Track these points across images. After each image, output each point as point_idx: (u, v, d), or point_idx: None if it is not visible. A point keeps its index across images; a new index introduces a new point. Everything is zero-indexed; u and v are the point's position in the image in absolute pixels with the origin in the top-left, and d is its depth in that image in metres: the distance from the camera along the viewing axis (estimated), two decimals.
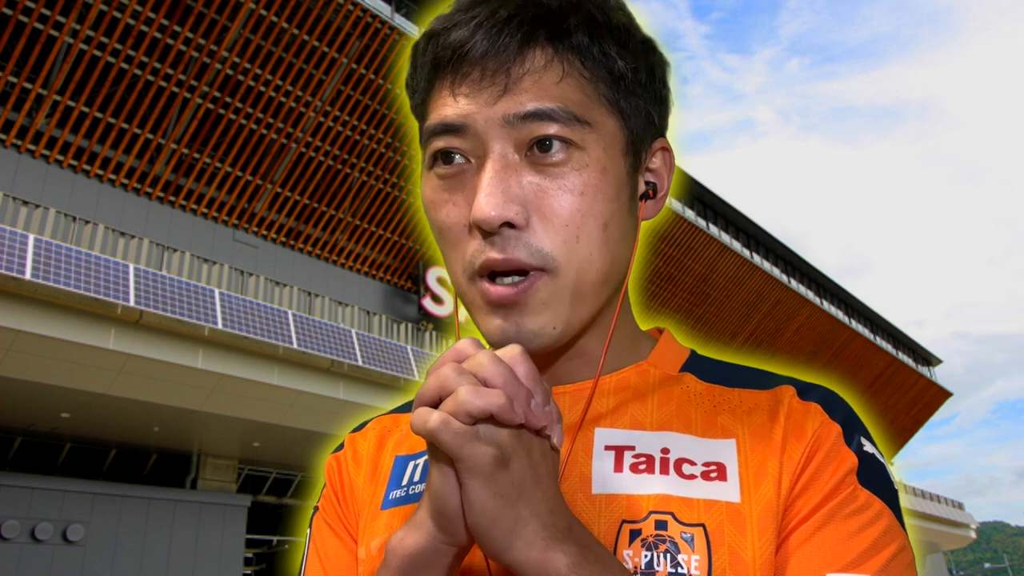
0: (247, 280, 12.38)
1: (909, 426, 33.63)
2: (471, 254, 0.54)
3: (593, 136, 0.55)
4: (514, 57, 0.54)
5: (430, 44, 0.57)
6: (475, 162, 0.55)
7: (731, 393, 0.60)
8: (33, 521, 10.08)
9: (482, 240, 0.54)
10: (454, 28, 0.55)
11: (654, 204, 0.62)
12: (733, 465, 0.54)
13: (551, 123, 0.53)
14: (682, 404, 0.59)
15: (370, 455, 0.68)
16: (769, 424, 0.56)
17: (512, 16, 0.54)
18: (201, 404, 10.22)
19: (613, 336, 0.62)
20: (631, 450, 0.56)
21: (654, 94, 0.60)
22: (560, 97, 0.54)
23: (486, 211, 0.51)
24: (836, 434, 0.54)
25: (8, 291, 8.12)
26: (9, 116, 11.22)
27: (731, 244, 23.52)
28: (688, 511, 0.52)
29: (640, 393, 0.61)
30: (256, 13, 12.49)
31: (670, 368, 0.63)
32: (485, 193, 0.52)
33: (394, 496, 0.63)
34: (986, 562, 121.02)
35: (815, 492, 0.52)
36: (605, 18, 0.56)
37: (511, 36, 0.53)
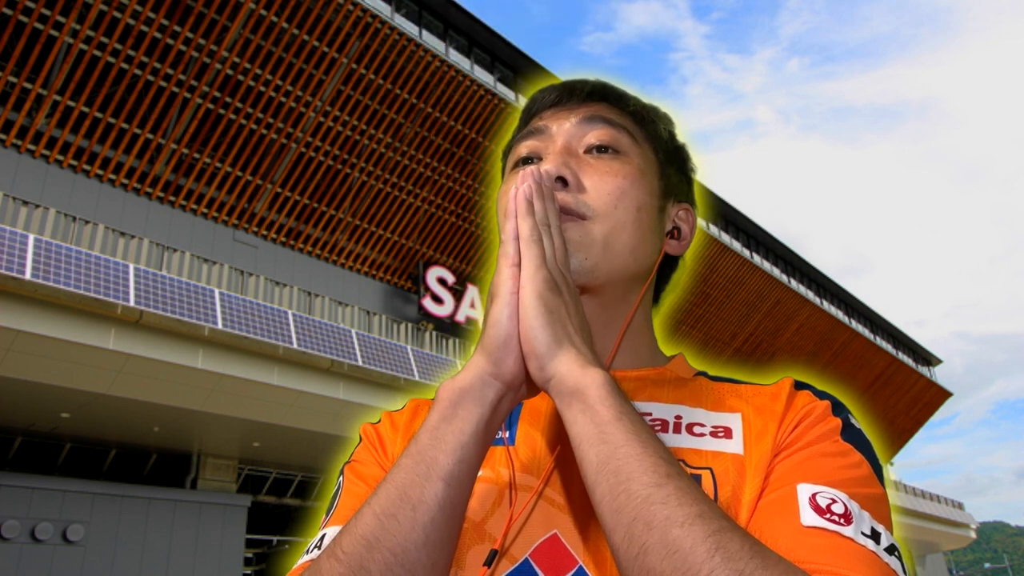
0: (247, 280, 12.38)
1: (909, 426, 33.61)
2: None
3: (637, 150, 0.72)
4: (584, 99, 0.74)
5: (524, 110, 0.78)
6: (546, 156, 0.71)
7: (738, 386, 0.68)
8: (33, 521, 10.08)
9: None
10: (541, 93, 0.76)
11: (678, 244, 0.76)
12: (738, 430, 0.62)
13: (607, 127, 0.71)
14: (695, 390, 0.68)
15: (404, 424, 0.74)
16: (770, 402, 0.63)
17: (586, 82, 0.75)
18: (201, 404, 10.22)
19: (634, 342, 0.72)
20: (647, 415, 0.65)
21: (684, 173, 0.78)
22: (617, 117, 0.73)
23: (548, 166, 0.66)
24: (825, 406, 0.61)
25: (8, 291, 8.11)
26: (9, 116, 11.22)
27: (731, 244, 23.51)
28: (697, 458, 0.60)
29: (658, 383, 0.70)
30: (256, 13, 12.48)
31: (684, 375, 0.72)
32: (549, 160, 0.68)
33: None
34: (986, 562, 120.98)
35: (800, 440, 0.58)
36: (654, 111, 0.77)
37: (582, 90, 0.75)
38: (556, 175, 0.66)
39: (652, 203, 0.70)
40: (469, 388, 0.55)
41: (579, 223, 0.65)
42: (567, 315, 0.55)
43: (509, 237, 0.58)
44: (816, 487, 0.52)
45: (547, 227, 0.59)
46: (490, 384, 0.55)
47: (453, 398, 0.55)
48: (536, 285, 0.54)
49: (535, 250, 0.56)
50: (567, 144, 0.70)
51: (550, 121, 0.73)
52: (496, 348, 0.54)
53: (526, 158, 0.72)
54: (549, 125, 0.72)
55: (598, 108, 0.73)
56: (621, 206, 0.67)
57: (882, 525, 0.52)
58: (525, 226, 0.57)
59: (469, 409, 0.54)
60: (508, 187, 0.70)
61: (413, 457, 0.53)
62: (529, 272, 0.55)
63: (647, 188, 0.70)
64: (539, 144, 0.72)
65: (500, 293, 0.56)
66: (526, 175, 0.61)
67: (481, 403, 0.55)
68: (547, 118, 0.73)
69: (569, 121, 0.71)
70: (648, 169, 0.71)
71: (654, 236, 0.71)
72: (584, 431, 0.50)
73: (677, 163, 0.77)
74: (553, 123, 0.72)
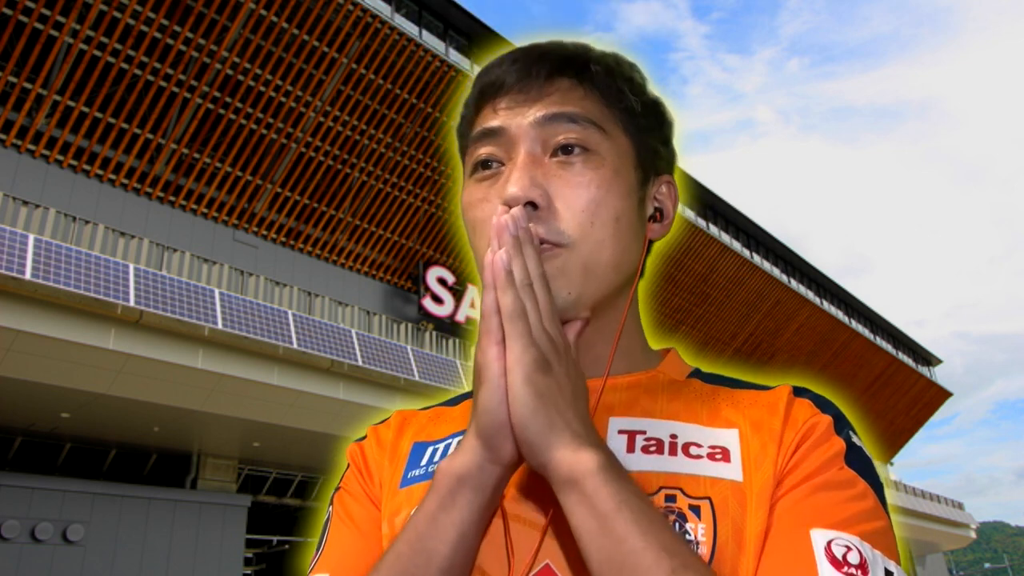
0: (247, 280, 12.38)
1: (909, 426, 33.61)
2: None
3: (607, 144, 0.64)
4: (544, 80, 0.65)
5: (477, 82, 0.68)
6: (509, 165, 0.64)
7: (733, 391, 0.65)
8: (33, 521, 10.08)
9: None
10: (497, 67, 0.67)
11: (661, 228, 0.70)
12: (736, 450, 0.59)
13: (572, 125, 0.63)
14: (689, 400, 0.65)
15: (390, 441, 0.72)
16: (768, 416, 0.60)
17: (544, 55, 0.66)
18: (201, 404, 10.22)
19: (624, 344, 0.68)
20: (642, 434, 0.62)
21: (661, 137, 0.70)
22: (582, 107, 0.64)
23: (514, 191, 0.60)
24: (827, 423, 0.59)
25: (8, 291, 8.11)
26: (9, 116, 11.22)
27: (731, 244, 23.51)
28: (695, 486, 0.57)
29: (651, 390, 0.66)
30: (256, 13, 12.48)
31: (677, 376, 0.69)
32: (515, 178, 0.61)
33: (412, 475, 0.67)
34: (986, 562, 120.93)
35: (804, 469, 0.56)
36: (621, 70, 0.68)
37: (541, 67, 0.65)
38: (525, 200, 0.60)
39: (631, 203, 0.65)
40: (467, 475, 0.53)
41: (555, 254, 0.60)
42: (559, 392, 0.52)
43: (490, 311, 0.53)
44: (830, 533, 0.51)
45: (529, 288, 0.54)
46: (489, 470, 0.53)
47: (452, 485, 0.53)
48: (524, 368, 0.51)
49: (520, 327, 0.52)
50: (531, 154, 0.63)
51: (507, 117, 0.65)
52: (491, 435, 0.52)
53: (485, 161, 0.65)
54: (507, 125, 0.64)
55: (561, 96, 0.64)
56: (598, 222, 0.61)
57: (892, 560, 0.52)
58: (507, 300, 0.52)
59: (468, 497, 0.53)
60: (472, 207, 0.65)
61: (412, 545, 0.53)
62: (516, 354, 0.51)
63: (624, 188, 0.64)
64: (498, 150, 0.65)
65: (487, 377, 0.52)
66: (500, 229, 0.54)
67: (480, 490, 0.53)
68: (503, 111, 0.65)
69: (530, 117, 0.63)
70: (623, 162, 0.65)
71: (636, 237, 0.66)
72: (584, 524, 0.48)
73: (653, 129, 0.69)
74: (511, 119, 0.64)
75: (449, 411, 0.74)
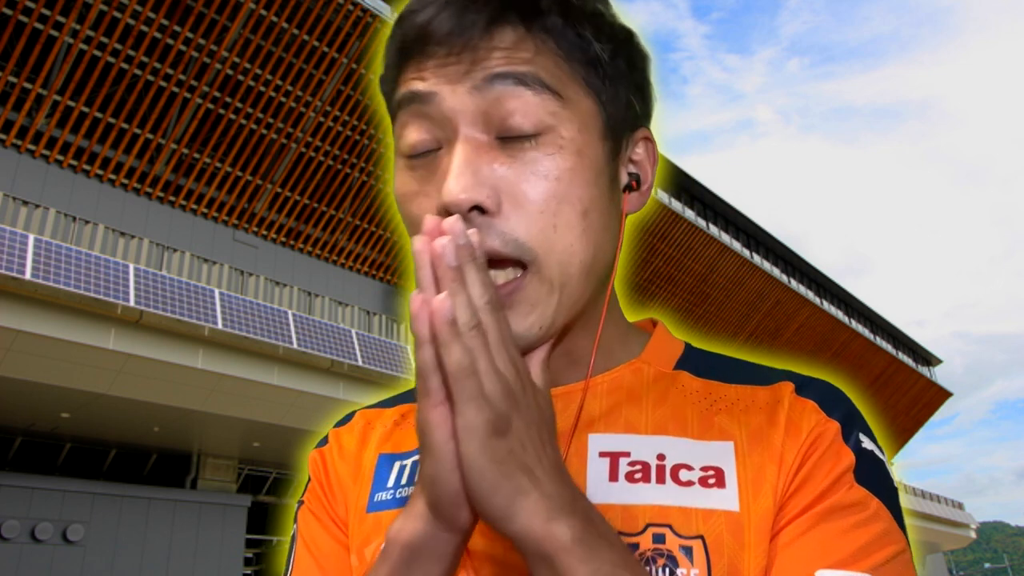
0: (247, 280, 12.39)
1: (909, 426, 33.63)
2: None
3: (567, 113, 0.52)
4: (481, 34, 0.51)
5: (397, 28, 0.55)
6: (445, 147, 0.52)
7: (728, 389, 0.58)
8: (33, 521, 10.08)
9: None
10: (420, 10, 0.52)
11: (638, 196, 0.59)
12: (731, 470, 0.52)
13: (522, 91, 0.50)
14: (678, 405, 0.57)
15: (354, 451, 0.64)
16: (768, 426, 0.53)
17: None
18: (201, 404, 10.22)
19: (602, 334, 0.59)
20: (626, 456, 0.54)
21: (633, 83, 0.57)
22: (533, 67, 0.51)
23: (455, 192, 0.48)
24: (834, 432, 0.52)
25: (8, 291, 8.11)
26: (9, 116, 11.22)
27: (731, 244, 23.52)
28: (686, 522, 0.50)
29: (634, 394, 0.58)
30: (256, 13, 12.49)
31: (664, 365, 0.61)
32: (454, 175, 0.49)
33: (379, 499, 0.60)
34: (986, 562, 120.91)
35: (809, 491, 0.50)
36: (580, 2, 0.54)
37: (478, 13, 0.51)
38: (470, 204, 0.48)
39: (600, 188, 0.54)
40: (421, 546, 0.45)
41: (516, 286, 0.50)
42: (523, 450, 0.42)
43: (428, 369, 0.41)
44: (837, 574, 0.46)
45: (476, 329, 0.41)
46: (444, 538, 0.45)
47: (405, 556, 0.45)
48: (477, 437, 0.40)
49: (469, 387, 0.40)
50: (471, 139, 0.51)
51: (437, 81, 0.51)
52: (445, 507, 0.43)
53: (416, 146, 0.54)
54: (438, 93, 0.51)
55: (505, 53, 0.51)
56: (561, 223, 0.51)
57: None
58: (451, 358, 0.40)
59: (425, 567, 0.45)
60: (407, 200, 0.54)
61: None
62: (467, 419, 0.40)
63: (591, 171, 0.53)
64: (430, 130, 0.53)
65: (433, 444, 0.42)
66: (434, 258, 0.41)
67: (437, 559, 0.45)
68: (431, 73, 0.52)
69: (467, 83, 0.51)
70: (588, 136, 0.53)
71: (609, 225, 0.55)
72: None
73: (624, 77, 0.56)
74: (443, 85, 0.51)
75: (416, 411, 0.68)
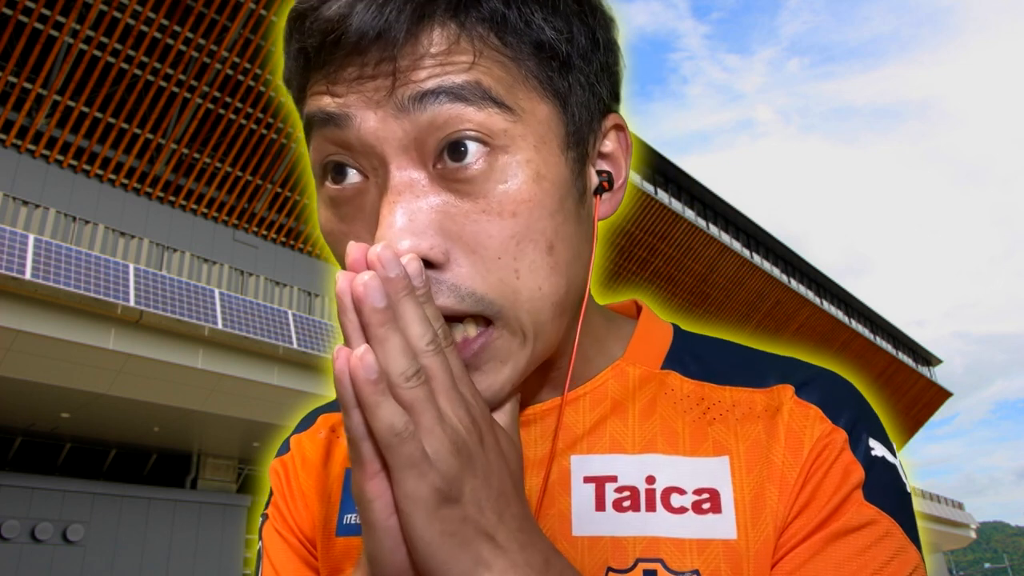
0: (247, 280, 12.39)
1: (909, 426, 33.64)
2: None
3: (519, 129, 0.42)
4: (405, 36, 0.40)
5: (296, 24, 0.43)
6: (372, 178, 0.43)
7: (722, 393, 0.51)
8: (33, 521, 10.08)
9: None
10: (323, 5, 0.41)
11: (611, 196, 0.49)
12: (728, 491, 0.47)
13: (461, 107, 0.40)
14: (667, 416, 0.51)
15: (317, 464, 0.57)
16: (767, 440, 0.48)
17: None
18: (201, 404, 10.22)
19: (582, 342, 0.52)
20: (613, 481, 0.48)
21: (599, 64, 0.47)
22: (471, 75, 0.40)
23: (395, 236, 0.40)
24: (841, 443, 0.47)
25: (8, 291, 8.11)
26: (9, 116, 11.22)
27: (731, 244, 23.53)
28: (679, 556, 0.45)
29: (619, 405, 0.52)
30: (256, 13, 12.49)
31: (651, 363, 0.54)
32: (386, 226, 0.40)
33: (348, 521, 0.54)
34: (986, 562, 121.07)
35: (813, 512, 0.45)
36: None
37: (397, 11, 0.40)
38: (418, 259, 0.38)
39: (566, 211, 0.44)
40: None
41: (487, 336, 0.42)
42: (480, 512, 0.36)
43: (358, 436, 0.35)
44: None
45: (415, 378, 0.35)
46: None
47: None
48: (423, 508, 0.34)
49: (406, 452, 0.34)
50: (405, 176, 0.41)
51: (354, 100, 0.41)
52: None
53: (338, 167, 0.43)
54: (357, 117, 0.41)
55: (436, 60, 0.40)
56: (524, 267, 0.42)
57: None
58: (381, 422, 0.34)
59: None
60: (332, 237, 0.45)
61: None
62: (407, 490, 0.34)
63: (555, 193, 0.43)
64: (351, 155, 0.43)
65: (370, 520, 0.36)
66: (359, 300, 0.36)
67: None
68: (345, 87, 0.41)
69: (392, 105, 0.40)
70: (546, 150, 0.43)
71: (581, 249, 0.46)
72: None
73: (586, 59, 0.46)
74: (364, 109, 0.41)
75: None
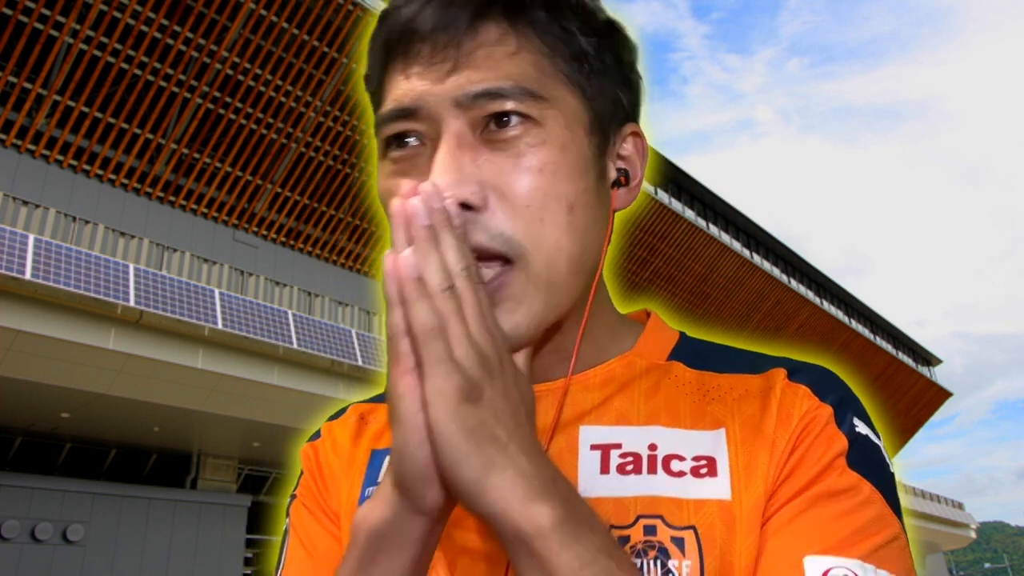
0: (247, 280, 12.38)
1: (909, 426, 33.64)
2: None
3: (551, 112, 0.51)
4: (464, 30, 0.51)
5: (382, 26, 0.55)
6: (429, 145, 0.52)
7: (721, 379, 0.57)
8: (33, 521, 10.08)
9: None
10: (404, 6, 0.52)
11: (627, 192, 0.58)
12: (723, 459, 0.52)
13: (504, 100, 0.50)
14: (670, 395, 0.57)
15: (347, 446, 0.64)
16: (760, 414, 0.53)
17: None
18: (201, 404, 10.22)
19: (592, 328, 0.59)
20: (617, 448, 0.54)
21: (621, 76, 0.57)
22: (513, 73, 0.51)
23: (441, 181, 0.48)
24: (827, 416, 0.52)
25: (8, 291, 8.12)
26: (9, 116, 11.22)
27: (731, 244, 23.52)
28: (678, 513, 0.50)
29: (626, 386, 0.58)
30: (256, 13, 12.49)
31: (658, 356, 0.60)
32: (438, 172, 0.48)
33: (369, 493, 0.59)
34: (986, 562, 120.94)
35: (800, 476, 0.49)
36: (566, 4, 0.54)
37: (461, 9, 0.51)
38: (456, 202, 0.47)
39: (587, 183, 0.53)
40: (387, 531, 0.44)
41: (503, 282, 0.49)
42: (496, 422, 0.40)
43: (397, 332, 0.41)
44: (826, 560, 0.45)
45: (449, 291, 0.41)
46: (413, 522, 0.43)
47: (371, 543, 0.44)
48: (447, 401, 0.39)
49: (437, 349, 0.40)
50: (457, 135, 0.50)
51: (422, 84, 0.51)
52: (412, 484, 0.42)
53: (400, 137, 0.53)
54: (424, 99, 0.51)
55: (487, 54, 0.51)
56: (548, 217, 0.50)
57: (902, 574, 0.47)
58: (418, 317, 0.40)
59: (392, 555, 0.44)
60: (390, 194, 0.53)
61: None
62: (435, 384, 0.40)
63: (577, 168, 0.52)
64: (414, 132, 0.53)
65: (402, 414, 0.41)
66: (407, 218, 0.42)
67: (405, 545, 0.44)
68: (415, 75, 0.52)
69: (449, 87, 0.50)
70: (573, 133, 0.53)
71: (597, 222, 0.54)
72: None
73: (610, 71, 0.56)
74: (428, 88, 0.51)
75: None
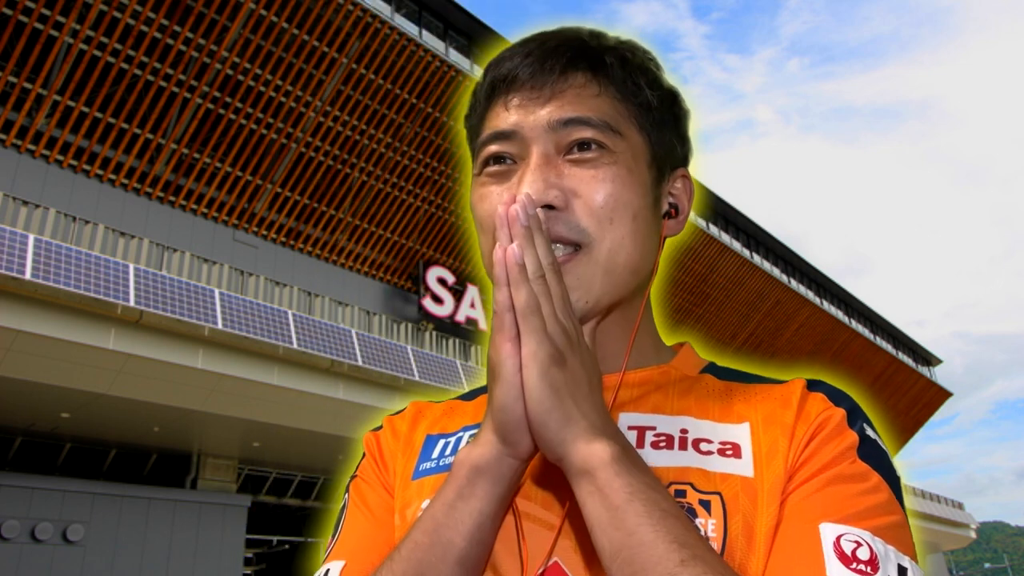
0: (247, 280, 12.38)
1: (909, 426, 33.61)
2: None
3: (623, 144, 0.63)
4: (558, 76, 0.63)
5: (488, 73, 0.67)
6: (520, 164, 0.63)
7: (746, 387, 0.65)
8: (33, 521, 10.08)
9: None
10: (509, 59, 0.65)
11: (676, 223, 0.70)
12: (747, 445, 0.59)
13: (587, 128, 0.62)
14: (700, 396, 0.65)
15: (405, 432, 0.73)
16: (780, 410, 0.60)
17: (558, 47, 0.64)
18: (201, 404, 10.22)
19: (637, 340, 0.68)
20: (652, 430, 0.62)
21: (677, 130, 0.69)
22: (596, 108, 0.63)
23: (530, 187, 0.59)
24: (840, 416, 0.58)
25: (8, 291, 8.11)
26: (9, 116, 11.22)
27: (731, 244, 23.51)
28: (705, 481, 0.57)
29: (661, 387, 0.67)
30: (256, 13, 12.48)
31: (690, 371, 0.69)
32: (528, 180, 0.60)
33: (424, 467, 0.68)
34: (986, 562, 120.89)
35: (816, 461, 0.56)
36: (637, 60, 0.67)
37: (556, 61, 0.63)
38: (542, 204, 0.59)
39: (647, 201, 0.64)
40: (485, 466, 0.55)
41: (573, 263, 0.60)
42: (575, 385, 0.52)
43: (503, 307, 0.53)
44: (839, 527, 0.51)
45: (542, 279, 0.53)
46: (506, 462, 0.55)
47: (470, 475, 0.55)
48: (539, 364, 0.51)
49: (534, 322, 0.52)
50: (545, 154, 0.62)
51: (520, 116, 0.63)
52: (509, 432, 0.53)
53: (497, 156, 0.64)
54: (520, 125, 0.63)
55: (575, 94, 0.63)
56: (616, 218, 0.61)
57: (907, 556, 0.52)
58: (520, 296, 0.52)
59: (486, 488, 0.55)
60: (482, 200, 0.65)
61: (429, 535, 0.55)
62: (530, 349, 0.51)
63: (640, 186, 0.63)
64: (510, 148, 0.64)
65: (502, 375, 0.52)
66: (510, 219, 0.53)
67: (499, 481, 0.55)
68: (515, 107, 0.64)
69: (543, 118, 0.62)
70: (637, 161, 0.64)
71: (652, 236, 0.65)
72: (595, 515, 0.49)
73: (668, 124, 0.68)
74: (524, 118, 0.63)
75: (463, 405, 0.75)
